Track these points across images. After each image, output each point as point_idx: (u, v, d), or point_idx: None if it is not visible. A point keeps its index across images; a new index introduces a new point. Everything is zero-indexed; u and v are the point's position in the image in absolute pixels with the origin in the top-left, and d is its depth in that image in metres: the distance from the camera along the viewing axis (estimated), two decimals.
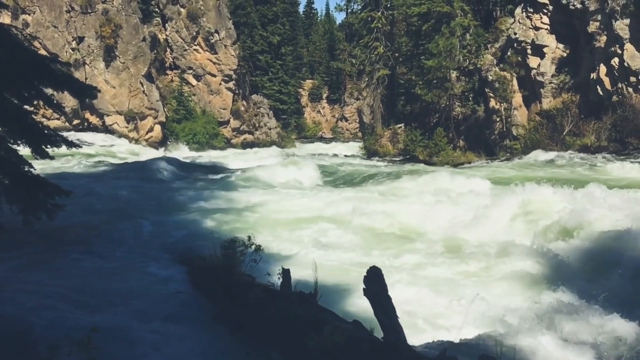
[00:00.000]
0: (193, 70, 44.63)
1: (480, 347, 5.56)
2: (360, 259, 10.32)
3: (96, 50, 38.43)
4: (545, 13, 31.30)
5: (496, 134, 32.67)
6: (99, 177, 20.91)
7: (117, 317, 7.31)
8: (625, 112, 26.40)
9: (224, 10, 45.39)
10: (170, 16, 43.91)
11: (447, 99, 34.09)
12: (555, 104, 29.89)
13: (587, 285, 8.69)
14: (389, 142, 38.65)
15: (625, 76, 27.09)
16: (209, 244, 8.64)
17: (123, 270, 9.50)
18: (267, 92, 54.37)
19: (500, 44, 33.29)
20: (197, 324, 7.39)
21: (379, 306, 5.50)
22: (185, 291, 8.31)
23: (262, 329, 6.67)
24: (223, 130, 45.41)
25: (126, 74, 38.83)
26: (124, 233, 11.91)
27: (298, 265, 8.84)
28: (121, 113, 38.84)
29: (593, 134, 27.29)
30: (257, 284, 7.46)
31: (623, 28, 26.98)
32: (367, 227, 12.79)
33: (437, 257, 10.59)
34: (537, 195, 12.89)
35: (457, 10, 33.17)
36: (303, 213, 14.40)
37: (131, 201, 15.39)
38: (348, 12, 58.49)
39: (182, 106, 43.07)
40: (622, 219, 10.61)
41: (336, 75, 70.17)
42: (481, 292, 7.75)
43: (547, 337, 5.96)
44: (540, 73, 31.09)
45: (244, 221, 13.38)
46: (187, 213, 14.33)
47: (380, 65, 41.51)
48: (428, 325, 7.23)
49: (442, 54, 32.30)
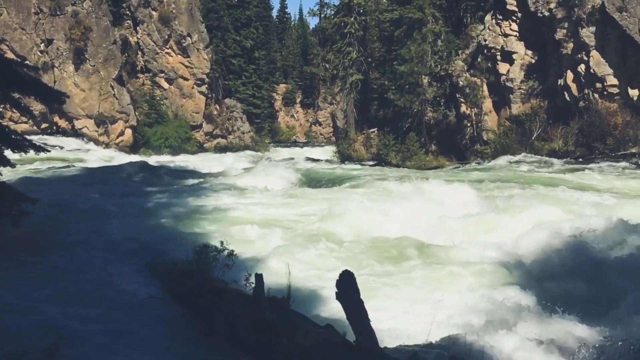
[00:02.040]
0: (165, 73, 44.20)
1: (449, 348, 5.65)
2: (333, 263, 10.35)
3: (65, 53, 37.76)
4: (514, 20, 31.96)
5: (467, 139, 33.17)
6: (68, 182, 20.54)
7: (86, 324, 7.20)
8: (592, 118, 27.11)
9: (196, 14, 45.10)
10: (141, 19, 43.43)
11: (419, 104, 34.49)
12: (524, 110, 30.52)
13: (550, 286, 8.89)
14: (363, 146, 38.86)
15: (591, 82, 27.81)
16: (181, 249, 8.58)
17: (93, 276, 9.35)
18: (241, 96, 54.12)
19: (470, 50, 33.85)
20: (169, 329, 7.33)
21: (351, 310, 5.54)
22: (156, 296, 8.23)
23: (234, 334, 6.65)
24: (196, 134, 45.05)
25: (96, 77, 38.24)
26: (93, 239, 11.73)
27: (271, 270, 8.84)
28: (91, 117, 38.20)
29: (561, 138, 27.94)
30: (229, 289, 7.43)
31: (589, 35, 27.71)
32: (340, 231, 12.83)
33: (403, 261, 10.71)
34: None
35: (429, 17, 33.63)
36: (276, 217, 14.39)
37: (101, 206, 15.15)
38: (321, 17, 58.82)
39: (153, 110, 42.57)
40: (583, 221, 10.96)
41: (310, 80, 70.28)
42: (447, 294, 7.89)
43: (513, 338, 6.09)
44: (510, 79, 31.71)
45: (216, 226, 13.30)
46: (158, 218, 14.18)
47: (354, 70, 41.76)
48: (398, 328, 7.30)
49: (414, 59, 32.70)
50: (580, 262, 9.57)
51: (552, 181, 18.87)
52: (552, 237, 10.62)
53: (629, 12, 26.30)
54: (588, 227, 10.97)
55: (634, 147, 26.06)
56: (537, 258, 10.07)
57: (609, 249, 10.19)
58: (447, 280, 9.40)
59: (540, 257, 10.12)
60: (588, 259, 9.74)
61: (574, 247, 10.20)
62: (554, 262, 9.76)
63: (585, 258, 9.77)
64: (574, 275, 9.09)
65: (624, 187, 17.81)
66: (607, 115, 26.76)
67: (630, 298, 8.13)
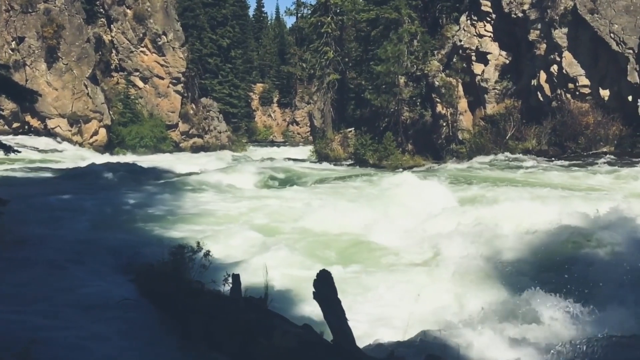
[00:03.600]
0: (140, 72, 43.67)
1: (426, 346, 5.69)
2: (311, 263, 10.35)
3: (37, 51, 37.06)
4: (489, 21, 32.34)
5: (443, 138, 33.47)
6: (40, 182, 20.16)
7: (59, 327, 7.06)
8: (564, 117, 27.58)
9: (171, 12, 44.66)
10: (115, 17, 42.84)
11: (395, 103, 34.68)
12: (499, 109, 30.91)
13: (529, 283, 9.01)
14: (340, 146, 38.92)
15: (564, 83, 28.30)
16: (156, 250, 8.48)
17: (66, 279, 9.18)
18: (217, 96, 53.78)
19: (446, 50, 34.15)
20: (144, 331, 7.22)
21: (328, 309, 5.53)
22: (131, 299, 8.11)
23: (211, 335, 6.60)
24: (171, 133, 44.64)
25: (69, 75, 37.60)
26: (66, 240, 11.52)
27: (248, 270, 8.81)
28: (64, 116, 37.56)
29: (534, 138, 28.37)
30: (206, 290, 7.36)
31: (561, 37, 28.19)
32: (317, 230, 12.84)
33: (380, 259, 10.77)
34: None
35: (405, 17, 33.83)
36: (253, 217, 14.33)
37: (74, 207, 14.90)
38: (298, 17, 58.77)
39: (128, 109, 42.04)
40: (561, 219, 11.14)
41: (287, 79, 70.20)
42: (423, 292, 7.95)
43: (489, 335, 6.16)
44: (484, 79, 32.08)
45: (192, 226, 13.19)
46: (132, 218, 14.00)
47: (331, 70, 41.81)
48: (375, 327, 7.33)
49: (391, 59, 32.86)
50: (553, 257, 9.74)
51: (516, 179, 19.34)
52: (523, 234, 10.79)
53: (600, 13, 26.82)
54: (560, 222, 11.18)
55: (605, 146, 26.60)
56: (511, 255, 10.21)
57: (582, 245, 10.38)
58: (421, 278, 9.48)
59: (514, 254, 10.27)
60: (561, 254, 9.91)
61: (546, 242, 10.37)
62: (526, 259, 9.92)
63: (558, 254, 9.94)
64: (547, 272, 9.25)
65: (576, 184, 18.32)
66: (579, 115, 27.25)
67: (604, 294, 8.32)
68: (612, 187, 17.29)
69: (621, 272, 8.80)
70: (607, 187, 17.32)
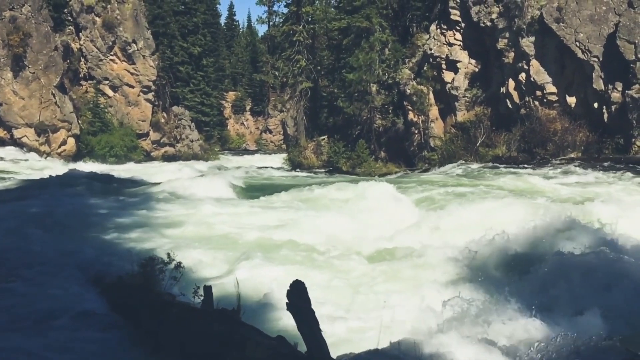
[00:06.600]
0: (109, 81, 43.03)
1: (400, 353, 5.68)
2: (285, 273, 10.25)
3: (3, 59, 36.22)
4: (458, 30, 32.87)
5: (415, 146, 33.80)
6: (3, 194, 19.62)
7: (25, 342, 6.84)
8: (533, 124, 28.14)
9: (141, 20, 44.17)
10: (84, 25, 42.18)
11: (368, 111, 34.94)
12: (469, 117, 31.39)
13: (502, 287, 9.10)
14: (313, 153, 38.98)
15: (532, 90, 28.90)
16: (125, 262, 8.30)
17: (32, 292, 8.90)
18: (189, 104, 53.33)
19: (417, 58, 34.57)
20: (113, 345, 7.04)
21: (302, 320, 5.47)
22: (100, 312, 7.92)
23: (182, 348, 6.46)
24: (142, 142, 44.01)
25: (36, 84, 36.82)
26: (32, 252, 11.18)
27: (220, 282, 8.69)
28: (31, 125, 36.73)
29: (504, 145, 28.86)
30: (177, 302, 7.23)
31: (529, 45, 28.80)
32: (291, 240, 12.75)
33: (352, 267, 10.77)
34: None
35: (376, 26, 34.17)
36: (224, 228, 14.16)
37: (40, 218, 14.51)
38: (270, 25, 58.73)
39: (97, 118, 41.35)
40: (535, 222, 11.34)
41: (259, 87, 70.02)
42: (394, 297, 7.96)
43: (460, 340, 6.18)
44: (455, 87, 32.55)
45: (163, 237, 12.96)
46: (101, 229, 13.69)
47: (303, 78, 41.90)
48: (348, 336, 7.30)
49: (362, 67, 33.12)
50: (525, 260, 9.86)
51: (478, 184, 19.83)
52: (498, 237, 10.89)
53: (566, 22, 27.48)
54: (533, 224, 11.36)
55: (573, 152, 27.18)
56: (481, 259, 10.31)
57: (553, 247, 10.53)
58: (394, 283, 9.49)
59: (485, 257, 10.37)
60: (532, 257, 10.05)
61: (520, 245, 10.51)
62: (498, 262, 10.03)
63: (530, 256, 10.07)
64: (519, 274, 9.36)
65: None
66: (547, 121, 27.83)
67: (568, 295, 8.47)
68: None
69: (593, 275, 8.97)
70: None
